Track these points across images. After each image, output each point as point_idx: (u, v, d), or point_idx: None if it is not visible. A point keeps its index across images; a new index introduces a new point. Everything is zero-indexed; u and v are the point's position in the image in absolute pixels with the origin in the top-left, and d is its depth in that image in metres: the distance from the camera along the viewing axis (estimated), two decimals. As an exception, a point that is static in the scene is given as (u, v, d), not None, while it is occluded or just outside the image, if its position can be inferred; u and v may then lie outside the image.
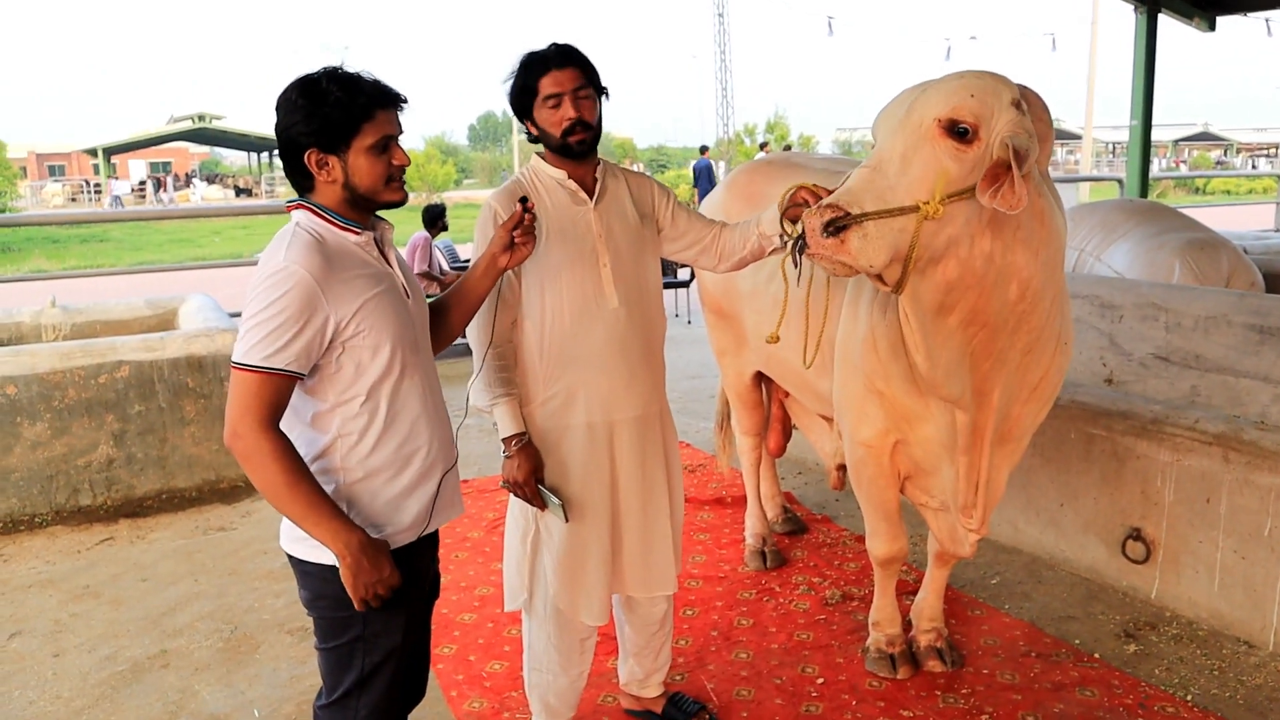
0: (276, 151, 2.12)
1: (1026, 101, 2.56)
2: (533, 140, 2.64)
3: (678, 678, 3.30)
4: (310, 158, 1.98)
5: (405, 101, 2.06)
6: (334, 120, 1.95)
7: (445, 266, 9.04)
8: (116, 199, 37.97)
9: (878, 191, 2.24)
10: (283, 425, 1.98)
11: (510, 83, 2.60)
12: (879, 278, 2.33)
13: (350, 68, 2.00)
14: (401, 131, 2.06)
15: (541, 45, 2.59)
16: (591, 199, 2.62)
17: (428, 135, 60.51)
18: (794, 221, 2.41)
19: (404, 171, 2.09)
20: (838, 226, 2.19)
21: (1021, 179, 2.20)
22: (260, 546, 4.60)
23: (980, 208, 2.30)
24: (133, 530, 4.85)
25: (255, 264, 2.02)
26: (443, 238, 9.39)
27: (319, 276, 1.92)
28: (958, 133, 2.25)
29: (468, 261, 9.58)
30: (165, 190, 43.08)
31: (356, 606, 2.00)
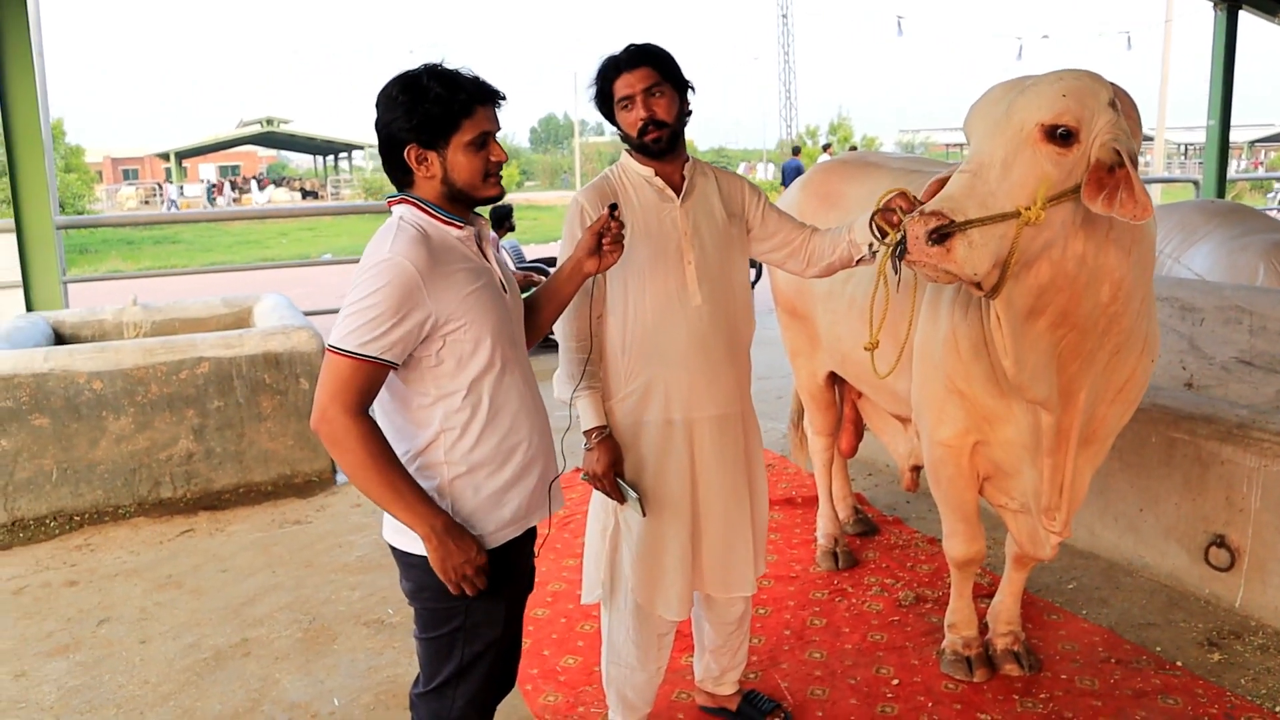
0: (342, 154, 2.19)
1: (1118, 99, 2.54)
2: (625, 140, 2.66)
3: (752, 676, 3.30)
4: (410, 153, 2.02)
5: (504, 98, 2.09)
6: (434, 116, 1.98)
7: (512, 266, 9.13)
8: (172, 203, 38.85)
9: (980, 198, 2.22)
10: (386, 419, 2.02)
11: (592, 89, 2.63)
12: (976, 284, 2.32)
13: (450, 64, 2.04)
14: (499, 128, 2.10)
15: (617, 49, 2.62)
16: (678, 196, 2.64)
17: (493, 138, 61.03)
18: (884, 229, 2.40)
19: (501, 167, 2.11)
20: (942, 234, 2.17)
21: (1140, 184, 2.17)
22: (335, 540, 4.68)
23: (1075, 209, 2.29)
24: (211, 523, 4.97)
25: (322, 264, 2.06)
26: (509, 238, 9.49)
27: (422, 269, 1.96)
28: (1060, 136, 2.23)
29: (535, 263, 9.69)
30: (221, 194, 43.99)
31: (451, 590, 2.03)
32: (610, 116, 2.63)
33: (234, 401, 5.36)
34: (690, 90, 2.64)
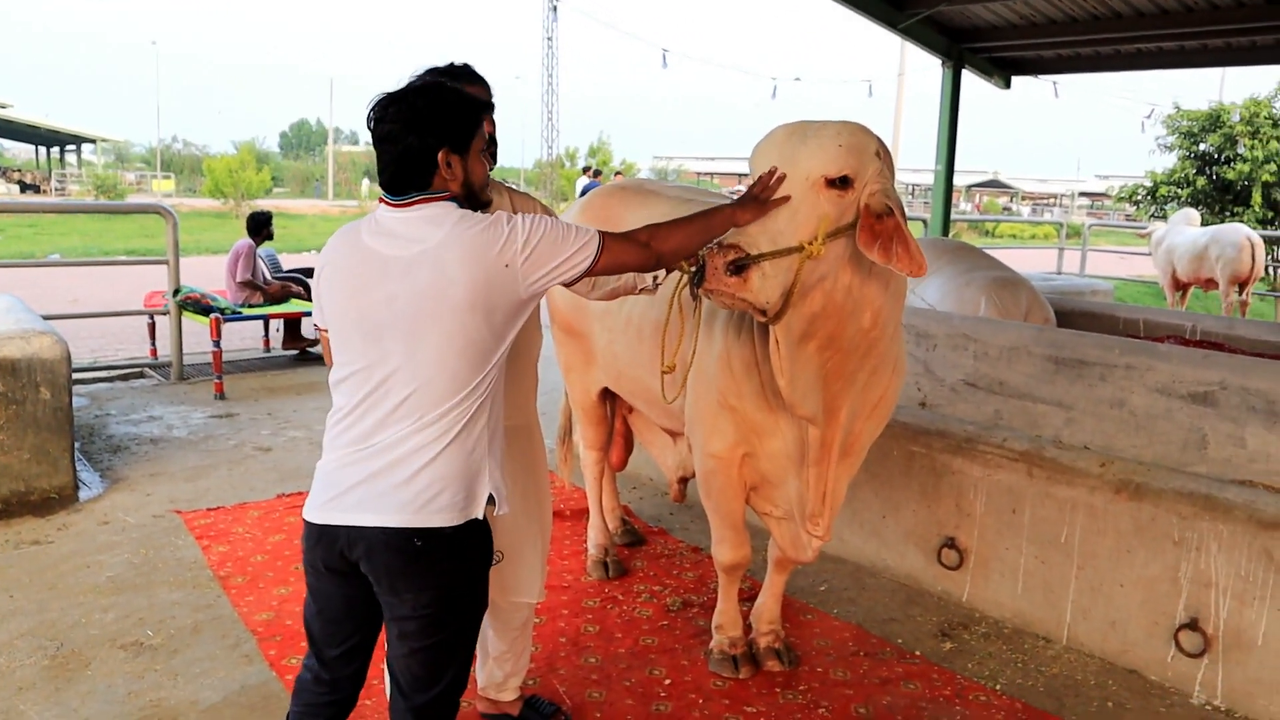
0: (69, 146, 2.25)
1: (881, 150, 2.86)
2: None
3: (530, 682, 3.38)
4: (443, 156, 2.21)
5: (494, 109, 2.42)
6: (461, 124, 2.23)
7: (269, 275, 8.81)
8: None
9: (771, 234, 2.48)
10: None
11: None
12: (761, 310, 2.53)
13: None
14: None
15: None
16: None
17: (238, 141, 58.21)
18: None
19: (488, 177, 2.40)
20: (740, 265, 2.41)
21: (914, 241, 2.53)
22: (81, 560, 4.38)
23: (847, 245, 2.60)
24: (-66, 544, 4.53)
25: (50, 265, 2.01)
26: (266, 246, 9.16)
27: None
28: (839, 182, 2.54)
29: (292, 272, 9.39)
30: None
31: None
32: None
33: (-40, 412, 4.91)
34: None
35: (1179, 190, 17.51)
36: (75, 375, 7.76)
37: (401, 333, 2.14)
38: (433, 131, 2.19)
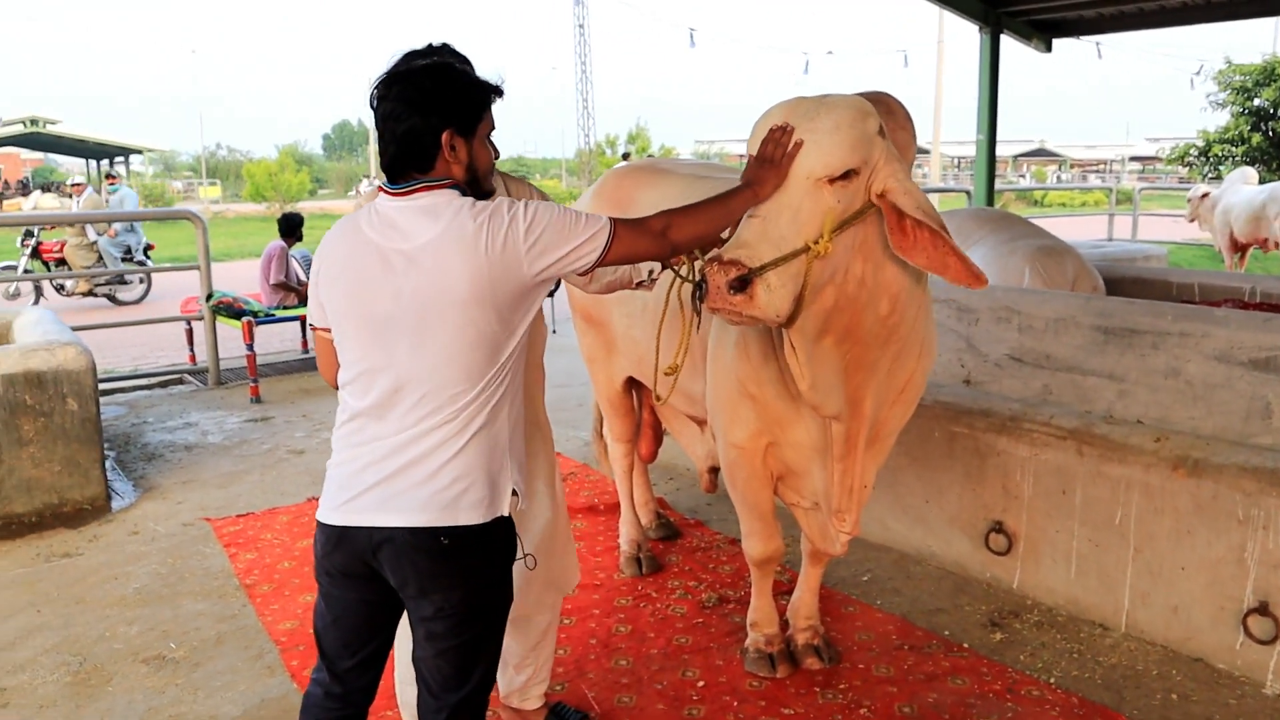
0: (119, 158, 2.14)
1: (890, 110, 2.65)
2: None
3: (558, 688, 3.25)
4: (447, 138, 2.11)
5: (503, 94, 2.26)
6: (468, 106, 2.14)
7: (302, 276, 8.80)
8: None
9: (774, 241, 2.28)
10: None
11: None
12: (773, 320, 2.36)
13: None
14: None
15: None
16: None
17: (281, 144, 58.85)
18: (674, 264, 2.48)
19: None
20: (743, 282, 2.22)
21: (966, 259, 2.41)
22: (110, 572, 4.33)
23: (855, 233, 2.41)
24: (-36, 561, 4.50)
25: (95, 274, 1.91)
26: (299, 248, 9.17)
27: None
28: (841, 175, 2.35)
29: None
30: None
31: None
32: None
33: (-11, 426, 4.89)
34: None
35: (1233, 148, 16.96)
36: (115, 384, 7.87)
37: (409, 329, 2.04)
38: (437, 111, 2.09)
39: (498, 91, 2.22)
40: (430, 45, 2.48)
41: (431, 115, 2.09)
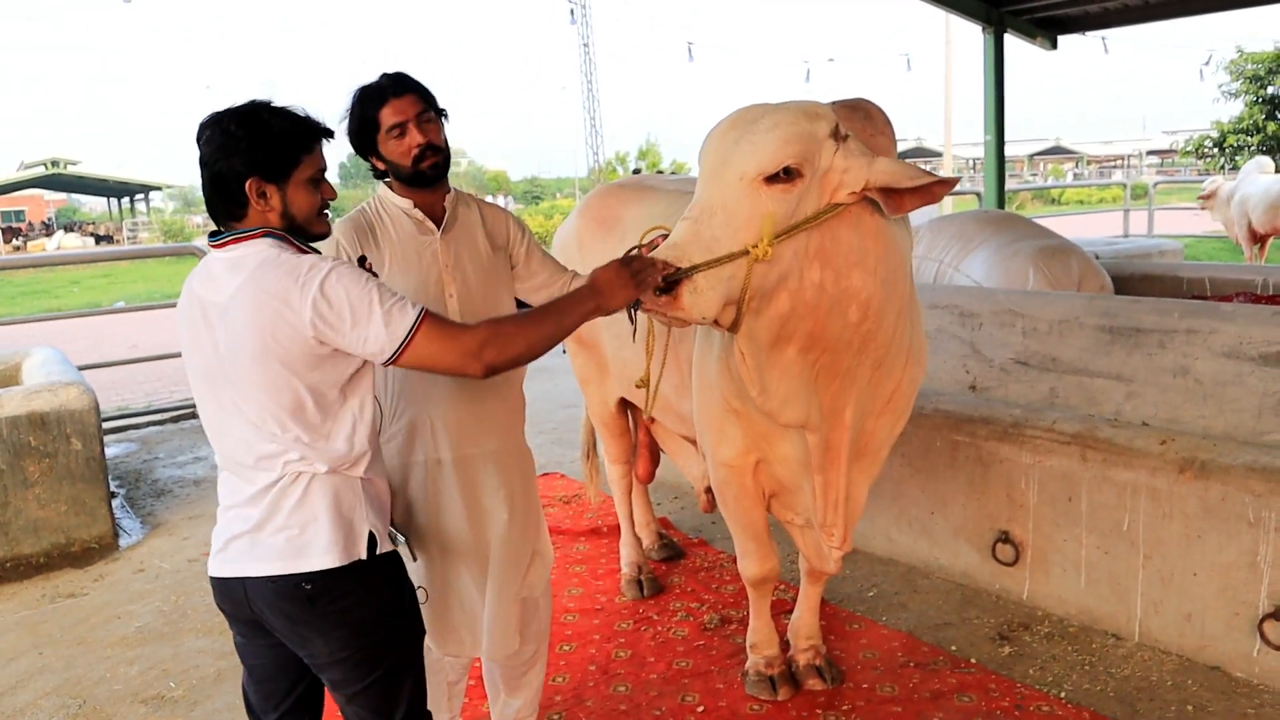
0: (139, 195, 2.09)
1: (868, 116, 2.58)
2: (379, 176, 2.58)
3: (555, 716, 3.19)
4: (251, 186, 2.00)
5: (333, 135, 2.14)
6: (278, 151, 2.00)
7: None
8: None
9: (705, 243, 2.23)
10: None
11: (347, 120, 2.51)
12: (714, 322, 2.31)
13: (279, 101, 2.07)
14: (326, 166, 2.13)
15: (371, 78, 2.52)
16: (439, 228, 2.54)
17: (298, 175, 59.23)
18: None
19: (328, 205, 2.10)
20: (669, 282, 2.18)
21: (922, 173, 2.33)
22: (113, 611, 4.31)
23: (806, 240, 2.33)
24: (-32, 604, 4.49)
25: (114, 312, 1.93)
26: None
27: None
28: (781, 175, 2.27)
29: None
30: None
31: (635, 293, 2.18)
32: (369, 149, 2.52)
33: (-7, 468, 4.89)
34: (445, 118, 2.56)
35: (1248, 138, 16.75)
36: (129, 420, 7.88)
37: (228, 382, 2.02)
38: (241, 157, 1.99)
39: (326, 133, 2.11)
40: (383, 74, 2.48)
41: (235, 161, 1.99)
